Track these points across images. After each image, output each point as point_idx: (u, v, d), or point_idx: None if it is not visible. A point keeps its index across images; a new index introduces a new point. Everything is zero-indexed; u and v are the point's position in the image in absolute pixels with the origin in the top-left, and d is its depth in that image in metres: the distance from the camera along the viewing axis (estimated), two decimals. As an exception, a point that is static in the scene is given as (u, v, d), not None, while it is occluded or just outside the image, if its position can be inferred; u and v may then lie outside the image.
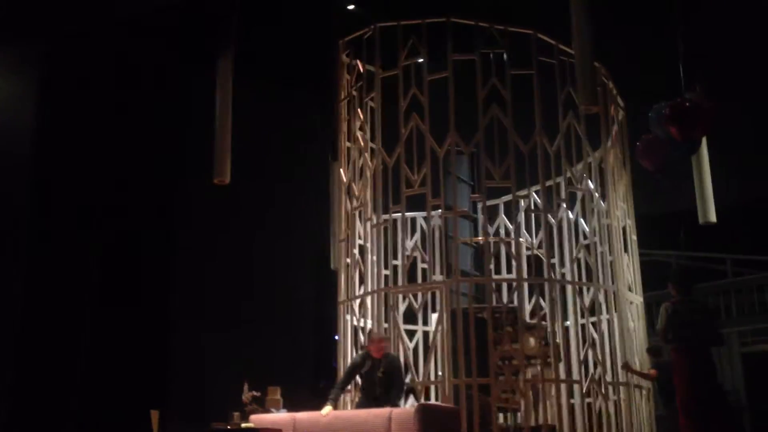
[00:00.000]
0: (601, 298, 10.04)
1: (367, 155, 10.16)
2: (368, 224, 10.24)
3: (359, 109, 10.37)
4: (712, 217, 9.46)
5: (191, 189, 11.77)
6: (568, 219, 10.27)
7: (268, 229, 12.97)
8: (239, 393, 8.78)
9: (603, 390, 9.57)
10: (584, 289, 10.06)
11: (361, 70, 10.35)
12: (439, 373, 9.61)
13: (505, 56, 9.85)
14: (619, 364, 9.74)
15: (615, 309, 10.08)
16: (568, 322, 9.95)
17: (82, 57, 11.18)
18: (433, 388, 9.91)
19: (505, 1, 10.41)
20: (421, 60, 10.01)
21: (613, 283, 10.13)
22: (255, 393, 8.87)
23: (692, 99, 8.25)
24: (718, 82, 12.23)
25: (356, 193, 10.28)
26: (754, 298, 17.35)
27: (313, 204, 12.34)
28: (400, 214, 10.10)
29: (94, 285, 11.58)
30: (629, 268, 10.71)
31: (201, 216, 8.98)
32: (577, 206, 10.50)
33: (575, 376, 9.76)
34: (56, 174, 11.02)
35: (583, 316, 9.93)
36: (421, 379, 9.89)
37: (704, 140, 9.61)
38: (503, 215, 11.92)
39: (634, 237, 10.96)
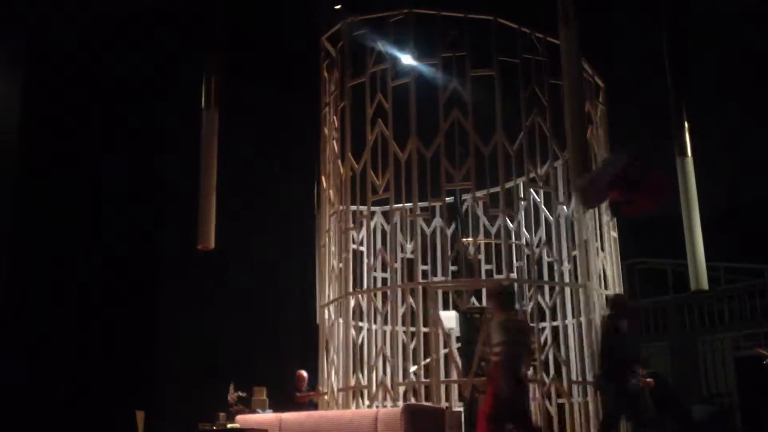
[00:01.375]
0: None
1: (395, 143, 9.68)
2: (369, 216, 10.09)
3: (381, 95, 9.72)
4: (704, 285, 9.36)
5: (182, 189, 11.77)
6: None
7: (257, 233, 12.97)
8: (225, 393, 8.78)
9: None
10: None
11: (382, 52, 9.80)
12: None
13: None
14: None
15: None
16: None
17: (66, 58, 11.19)
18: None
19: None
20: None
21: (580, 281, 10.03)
22: (241, 393, 8.86)
23: (645, 168, 8.19)
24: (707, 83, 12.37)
25: (377, 182, 9.70)
26: (746, 304, 17.56)
27: (304, 210, 12.33)
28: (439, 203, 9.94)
29: (80, 286, 11.55)
30: (608, 266, 10.60)
31: (189, 215, 8.96)
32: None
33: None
34: (42, 174, 11.03)
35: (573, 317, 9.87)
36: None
37: (697, 214, 9.52)
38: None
39: (615, 234, 10.86)
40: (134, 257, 11.77)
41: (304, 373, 10.95)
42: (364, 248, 10.12)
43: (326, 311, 10.06)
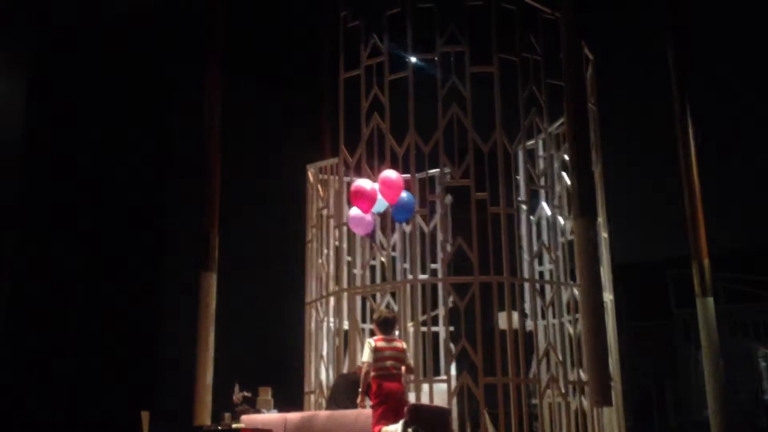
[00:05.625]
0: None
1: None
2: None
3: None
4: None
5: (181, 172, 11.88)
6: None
7: (259, 228, 12.98)
8: (230, 393, 8.73)
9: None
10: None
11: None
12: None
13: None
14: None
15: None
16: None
17: (70, 58, 11.39)
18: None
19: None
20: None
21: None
22: (246, 393, 8.80)
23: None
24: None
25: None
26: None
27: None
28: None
29: (82, 285, 11.67)
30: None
31: (191, 211, 9.01)
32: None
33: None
34: (45, 173, 11.21)
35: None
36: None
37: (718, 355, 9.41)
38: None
39: (605, 234, 10.56)
40: (137, 258, 11.87)
41: None
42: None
43: (313, 309, 10.37)
